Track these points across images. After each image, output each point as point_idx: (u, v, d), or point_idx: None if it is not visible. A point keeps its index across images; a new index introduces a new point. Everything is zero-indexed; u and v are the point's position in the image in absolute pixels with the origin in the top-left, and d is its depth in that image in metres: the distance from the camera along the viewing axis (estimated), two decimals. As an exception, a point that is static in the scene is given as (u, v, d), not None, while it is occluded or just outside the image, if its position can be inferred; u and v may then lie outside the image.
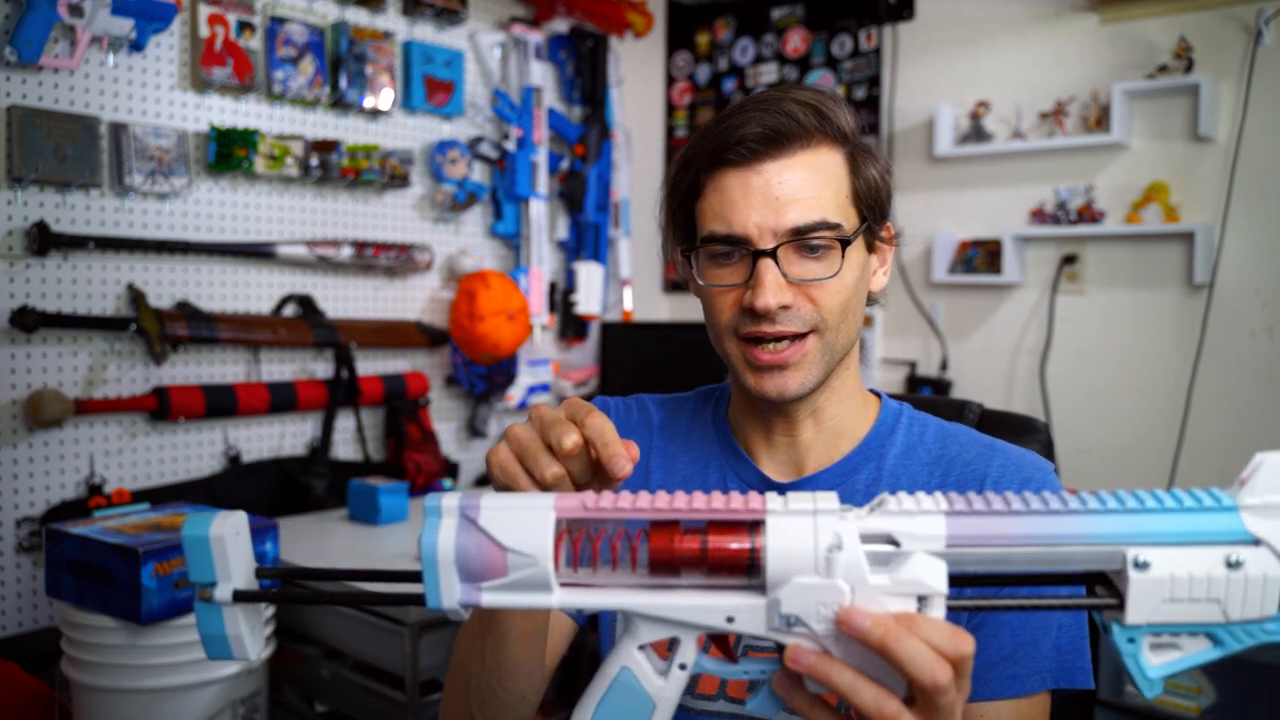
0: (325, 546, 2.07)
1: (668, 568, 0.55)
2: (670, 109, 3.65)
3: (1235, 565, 0.50)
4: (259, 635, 0.62)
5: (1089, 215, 2.65)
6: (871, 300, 0.97)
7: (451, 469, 2.82)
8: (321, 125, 2.52)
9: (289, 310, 2.47)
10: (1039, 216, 2.75)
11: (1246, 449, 2.41)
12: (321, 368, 2.54)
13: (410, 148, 2.72)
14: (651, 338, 3.15)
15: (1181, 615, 0.51)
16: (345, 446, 2.62)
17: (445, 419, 2.88)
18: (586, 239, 3.22)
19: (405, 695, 1.78)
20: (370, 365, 2.65)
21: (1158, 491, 0.53)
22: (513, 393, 2.94)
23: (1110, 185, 2.65)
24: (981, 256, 2.85)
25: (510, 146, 2.94)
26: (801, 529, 0.54)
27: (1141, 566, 0.51)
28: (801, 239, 0.86)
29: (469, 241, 2.92)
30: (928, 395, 2.81)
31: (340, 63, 2.51)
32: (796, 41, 3.28)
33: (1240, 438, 2.45)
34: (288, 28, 2.38)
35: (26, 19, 1.89)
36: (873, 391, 1.01)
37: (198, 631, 0.60)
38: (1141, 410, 2.61)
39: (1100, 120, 2.63)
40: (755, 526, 0.54)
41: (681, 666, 0.57)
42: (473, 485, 2.94)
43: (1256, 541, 0.51)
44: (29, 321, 1.94)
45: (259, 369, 2.41)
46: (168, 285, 2.23)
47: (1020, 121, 2.78)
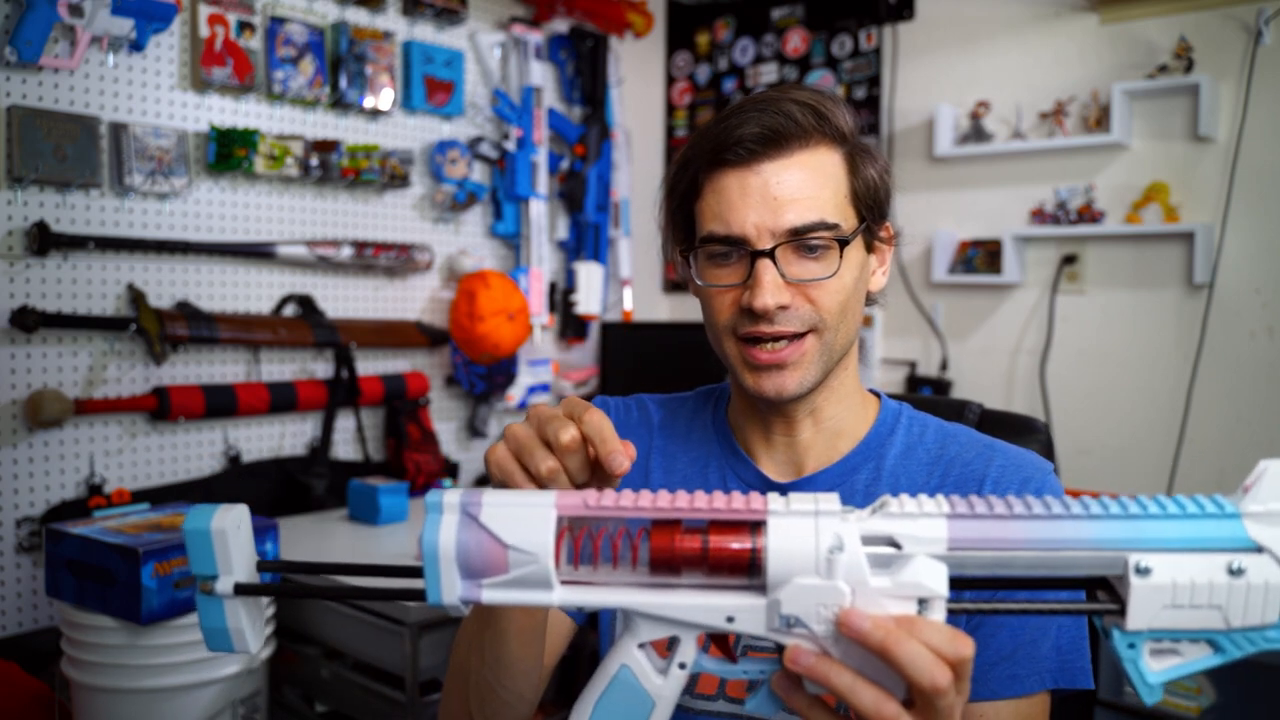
0: (325, 546, 2.07)
1: (668, 567, 0.55)
2: (670, 109, 3.65)
3: (1237, 572, 0.50)
4: (260, 629, 0.62)
5: (1089, 215, 2.65)
6: (871, 300, 0.97)
7: (451, 469, 2.82)
8: (321, 125, 2.52)
9: (289, 310, 2.47)
10: (1039, 216, 2.74)
11: (1246, 449, 2.43)
12: (321, 368, 2.54)
13: (410, 148, 2.72)
14: (651, 338, 3.15)
15: (1182, 621, 0.51)
16: (345, 446, 2.62)
17: (445, 419, 2.88)
18: (586, 239, 3.22)
19: (405, 695, 1.77)
20: (370, 365, 2.65)
21: (1160, 497, 0.53)
22: (513, 393, 2.95)
23: (1110, 185, 2.65)
24: (981, 256, 2.85)
25: (510, 146, 2.94)
26: (803, 530, 0.54)
27: (1143, 572, 0.51)
28: (800, 239, 0.86)
29: (469, 241, 2.92)
30: (928, 395, 2.81)
31: (340, 63, 2.51)
32: (796, 41, 3.28)
33: (1240, 438, 2.45)
34: (288, 28, 2.38)
35: (26, 19, 1.89)
36: (872, 391, 1.01)
37: (199, 624, 0.60)
38: (1141, 410, 2.61)
39: (1100, 120, 2.63)
40: (756, 527, 0.54)
41: (681, 665, 0.57)
42: (472, 485, 2.94)
43: (1259, 549, 0.50)
44: (29, 321, 1.94)
45: (259, 369, 2.41)
46: (168, 285, 2.23)
47: (1020, 121, 2.77)
